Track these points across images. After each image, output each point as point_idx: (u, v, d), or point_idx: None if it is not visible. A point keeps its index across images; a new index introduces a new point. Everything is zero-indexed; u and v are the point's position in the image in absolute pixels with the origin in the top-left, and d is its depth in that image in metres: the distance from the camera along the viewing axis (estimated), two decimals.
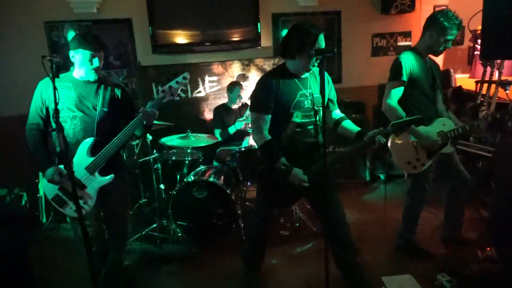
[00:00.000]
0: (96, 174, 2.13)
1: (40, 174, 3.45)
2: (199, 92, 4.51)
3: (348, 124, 2.20)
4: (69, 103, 2.13)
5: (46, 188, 2.21)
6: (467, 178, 2.73)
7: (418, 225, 2.84)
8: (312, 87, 2.07)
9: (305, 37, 1.93)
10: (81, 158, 2.13)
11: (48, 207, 3.62)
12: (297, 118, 2.02)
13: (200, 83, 4.48)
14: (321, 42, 1.94)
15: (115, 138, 2.12)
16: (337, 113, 2.25)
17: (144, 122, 2.13)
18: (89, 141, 2.14)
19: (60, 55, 1.87)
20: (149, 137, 3.29)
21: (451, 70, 4.97)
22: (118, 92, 2.28)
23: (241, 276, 2.59)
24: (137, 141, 3.91)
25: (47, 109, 2.15)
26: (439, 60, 3.55)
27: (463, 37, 5.08)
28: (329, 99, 2.19)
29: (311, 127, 2.06)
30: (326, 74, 1.82)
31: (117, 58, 4.33)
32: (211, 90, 4.54)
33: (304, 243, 3.12)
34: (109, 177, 2.15)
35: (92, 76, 2.16)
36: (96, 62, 2.12)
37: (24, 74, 3.89)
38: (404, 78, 2.44)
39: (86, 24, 4.13)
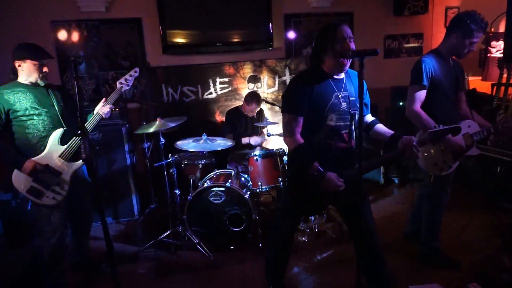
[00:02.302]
0: (70, 161, 2.37)
1: None
2: (210, 93, 4.41)
3: (381, 128, 2.11)
4: (31, 103, 2.34)
5: (18, 183, 2.30)
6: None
7: (440, 230, 2.75)
8: (348, 90, 1.97)
9: (324, 32, 1.90)
10: (53, 148, 2.36)
11: None
12: (331, 121, 1.92)
13: (211, 84, 4.38)
14: (343, 33, 1.85)
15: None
16: (369, 117, 2.16)
17: (105, 116, 2.44)
18: (59, 132, 2.39)
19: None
20: (162, 140, 3.17)
21: (464, 73, 4.92)
22: (63, 92, 2.59)
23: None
24: (148, 144, 3.80)
25: (6, 113, 2.30)
26: None
27: None
28: (363, 103, 2.09)
29: (346, 131, 1.96)
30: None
31: (125, 59, 4.21)
32: (222, 92, 4.43)
33: (323, 251, 3.02)
34: (80, 162, 2.38)
35: (42, 82, 2.40)
36: (44, 69, 2.37)
37: None
38: (425, 81, 2.40)
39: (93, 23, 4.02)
